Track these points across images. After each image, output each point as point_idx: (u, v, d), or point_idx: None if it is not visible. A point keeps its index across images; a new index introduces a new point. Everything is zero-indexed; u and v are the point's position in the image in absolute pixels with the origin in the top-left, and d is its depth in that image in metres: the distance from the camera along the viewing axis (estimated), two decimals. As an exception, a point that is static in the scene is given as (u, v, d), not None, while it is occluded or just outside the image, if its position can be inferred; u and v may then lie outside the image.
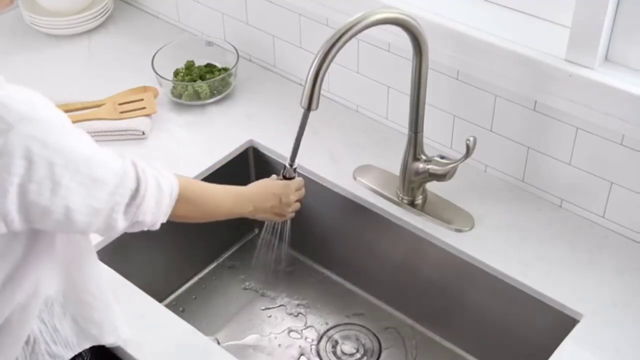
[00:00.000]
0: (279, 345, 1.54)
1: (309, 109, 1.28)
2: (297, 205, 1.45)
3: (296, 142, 1.37)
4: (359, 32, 1.23)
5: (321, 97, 1.71)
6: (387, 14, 1.24)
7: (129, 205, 1.04)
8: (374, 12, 1.24)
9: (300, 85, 1.75)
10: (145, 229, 1.12)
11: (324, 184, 1.54)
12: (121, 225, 1.05)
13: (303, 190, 1.45)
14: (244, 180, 1.67)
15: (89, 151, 0.97)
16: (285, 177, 1.43)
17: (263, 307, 1.62)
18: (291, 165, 1.41)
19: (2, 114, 0.88)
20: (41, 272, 1.04)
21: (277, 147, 1.61)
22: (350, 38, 1.23)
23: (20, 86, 0.93)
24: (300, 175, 1.58)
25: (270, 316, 1.60)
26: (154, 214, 1.09)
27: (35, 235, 1.00)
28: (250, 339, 1.56)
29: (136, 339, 1.25)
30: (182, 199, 1.15)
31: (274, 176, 1.44)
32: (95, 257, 1.17)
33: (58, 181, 0.92)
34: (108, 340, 1.19)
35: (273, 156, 1.61)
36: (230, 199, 1.33)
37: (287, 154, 1.58)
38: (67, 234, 1.05)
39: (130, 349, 1.23)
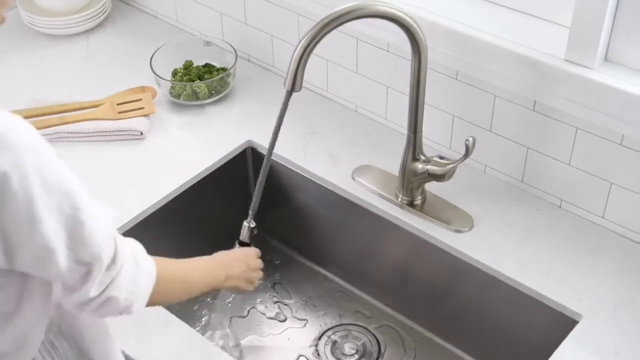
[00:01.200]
0: (279, 346, 1.54)
1: (292, 90, 1.26)
2: (260, 273, 1.40)
3: (258, 190, 1.35)
4: (353, 19, 1.24)
5: (321, 97, 1.72)
6: (384, 8, 1.24)
7: (105, 274, 0.94)
8: (372, 4, 1.25)
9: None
10: (118, 313, 1.00)
11: (323, 185, 1.54)
12: (92, 292, 0.94)
13: (261, 262, 1.41)
14: (243, 181, 1.68)
15: (77, 191, 0.89)
16: (242, 243, 1.41)
17: (262, 308, 1.61)
18: (252, 227, 1.39)
19: None
20: (39, 310, 0.99)
21: (276, 147, 1.60)
22: (343, 23, 1.24)
23: (5, 112, 0.86)
24: (299, 176, 1.58)
25: (269, 317, 1.60)
26: (130, 291, 0.99)
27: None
28: (250, 340, 1.55)
29: (134, 340, 1.24)
30: (158, 286, 1.05)
31: (222, 252, 1.37)
32: None
33: (37, 216, 0.85)
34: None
35: (272, 157, 1.61)
36: (202, 274, 1.24)
37: (286, 154, 1.59)
38: (42, 277, 0.95)
39: (128, 350, 1.23)
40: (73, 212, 0.88)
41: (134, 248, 1.02)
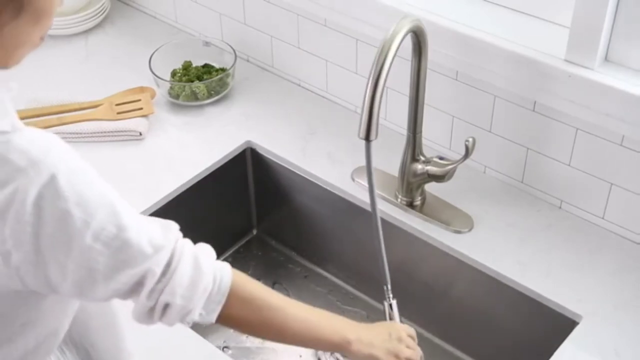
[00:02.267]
0: (278, 346, 1.54)
1: (367, 139, 1.17)
2: (413, 352, 1.17)
3: (380, 259, 1.19)
4: (396, 49, 1.17)
5: (320, 97, 1.72)
6: (409, 24, 1.20)
7: (159, 281, 0.90)
8: (398, 28, 1.18)
9: (299, 85, 1.75)
10: (177, 320, 0.94)
11: (323, 185, 1.54)
12: (146, 302, 0.91)
13: (415, 344, 1.19)
14: (242, 182, 1.67)
15: (120, 209, 0.86)
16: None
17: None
18: (390, 304, 1.23)
19: (16, 160, 0.81)
20: (63, 311, 0.98)
21: (275, 147, 1.60)
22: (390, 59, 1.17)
23: (40, 131, 0.85)
24: (298, 176, 1.57)
25: (268, 318, 1.60)
26: (186, 297, 0.92)
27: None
28: (249, 340, 1.55)
29: (135, 344, 1.24)
30: (238, 297, 0.97)
31: None
32: None
33: (76, 237, 0.82)
34: None
35: (271, 157, 1.61)
36: (314, 317, 1.07)
37: (285, 154, 1.59)
38: (91, 300, 0.92)
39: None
40: (118, 231, 0.86)
41: (200, 254, 0.95)
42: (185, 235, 1.06)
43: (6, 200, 0.80)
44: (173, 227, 0.95)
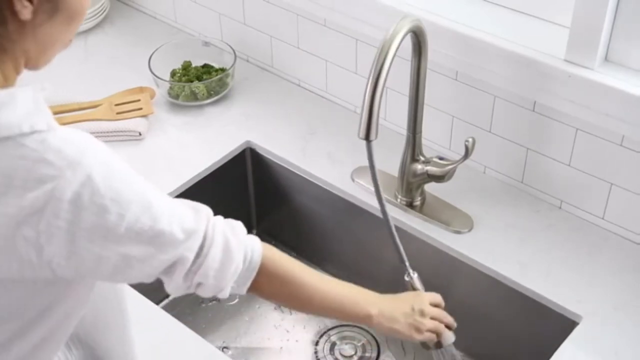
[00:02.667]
0: (277, 347, 1.54)
1: (367, 139, 1.19)
2: (437, 324, 1.18)
3: (394, 242, 1.21)
4: (396, 49, 1.18)
5: (320, 97, 1.72)
6: (409, 24, 1.20)
7: (193, 263, 0.94)
8: (398, 28, 1.19)
9: (299, 85, 1.75)
10: (212, 294, 1.00)
11: (322, 185, 1.54)
12: (179, 281, 0.95)
13: (441, 311, 1.21)
14: (241, 182, 1.67)
15: (153, 201, 0.89)
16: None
17: (260, 309, 1.61)
18: (408, 276, 1.24)
19: (53, 159, 0.82)
20: (77, 303, 0.99)
21: (275, 147, 1.60)
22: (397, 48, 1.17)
23: (74, 130, 0.88)
24: (298, 176, 1.57)
25: (267, 318, 1.59)
26: (217, 277, 0.97)
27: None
28: (249, 341, 1.55)
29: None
30: (266, 273, 1.02)
31: None
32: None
33: (112, 230, 0.85)
34: None
35: (270, 157, 1.61)
36: (339, 290, 1.12)
37: (285, 154, 1.58)
38: (123, 282, 0.97)
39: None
40: (151, 222, 0.88)
41: (229, 233, 0.99)
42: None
43: (43, 199, 0.82)
44: (203, 209, 0.98)
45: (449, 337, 1.21)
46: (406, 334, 1.16)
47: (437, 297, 1.23)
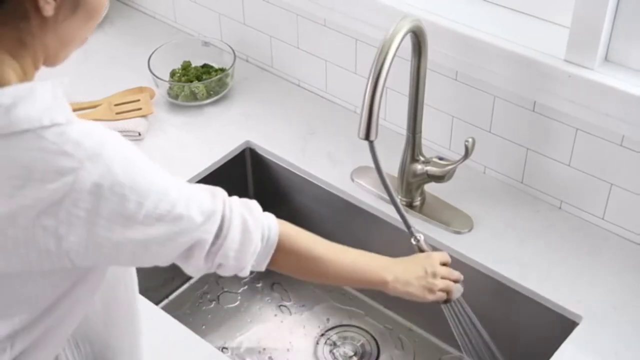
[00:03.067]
0: (277, 347, 1.54)
1: (367, 139, 1.21)
2: (448, 283, 1.23)
3: (396, 206, 1.24)
4: (396, 49, 1.18)
5: (320, 98, 1.72)
6: (408, 24, 1.20)
7: (212, 244, 0.97)
8: (398, 28, 1.19)
9: (298, 85, 1.75)
10: (232, 273, 1.03)
11: (322, 186, 1.54)
12: (200, 263, 0.98)
13: (449, 269, 1.25)
14: (241, 182, 1.67)
15: (169, 187, 0.92)
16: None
17: (260, 310, 1.61)
18: (416, 240, 1.26)
19: (72, 151, 0.84)
20: (83, 296, 1.00)
21: (274, 148, 1.60)
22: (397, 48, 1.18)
23: (92, 122, 0.90)
24: (298, 177, 1.57)
25: (267, 318, 1.59)
26: (237, 258, 1.00)
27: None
28: (247, 340, 1.55)
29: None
30: (283, 250, 1.06)
31: None
32: (133, 285, 1.12)
33: (132, 217, 0.88)
34: None
35: (270, 157, 1.61)
36: (353, 260, 1.16)
37: (284, 154, 1.58)
38: (141, 266, 1.00)
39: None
40: (170, 207, 0.90)
41: (247, 214, 1.02)
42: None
43: (62, 190, 0.83)
44: (219, 191, 1.01)
45: (458, 290, 1.26)
46: (420, 296, 1.20)
47: (445, 256, 1.26)
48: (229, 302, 1.62)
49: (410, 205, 1.45)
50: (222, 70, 1.73)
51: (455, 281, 1.26)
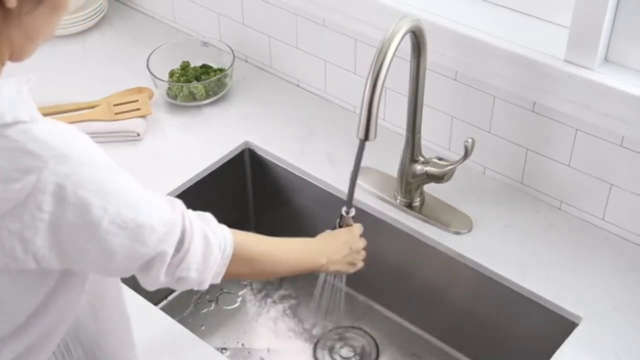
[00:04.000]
0: (276, 348, 1.53)
1: (366, 139, 1.23)
2: (363, 253, 1.36)
3: (351, 182, 1.30)
4: (395, 49, 1.18)
5: (319, 98, 1.71)
6: (408, 24, 1.20)
7: (173, 257, 0.97)
8: (397, 28, 1.19)
9: (298, 86, 1.75)
10: (191, 287, 1.03)
11: (321, 186, 1.53)
12: (161, 277, 0.97)
13: (363, 241, 1.37)
14: (240, 182, 1.67)
15: (134, 194, 0.91)
16: (341, 227, 1.36)
17: (260, 310, 1.61)
18: (347, 213, 1.34)
19: (38, 150, 0.82)
20: (70, 301, 0.99)
21: (274, 148, 1.60)
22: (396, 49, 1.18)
23: (60, 123, 0.88)
24: (297, 177, 1.57)
25: (266, 319, 1.59)
26: (200, 270, 1.01)
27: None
28: (247, 342, 1.55)
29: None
30: (236, 258, 1.07)
31: (327, 231, 1.36)
32: (119, 285, 1.12)
33: (95, 223, 0.86)
34: None
35: (269, 157, 1.60)
36: (297, 254, 1.26)
37: (283, 155, 1.58)
38: (102, 275, 1.00)
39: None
40: (133, 215, 0.90)
41: (206, 228, 1.03)
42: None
43: (26, 190, 0.82)
44: (178, 203, 1.01)
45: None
46: (345, 271, 1.34)
47: (361, 228, 1.37)
48: (228, 303, 1.62)
49: (409, 206, 1.45)
50: (221, 70, 1.73)
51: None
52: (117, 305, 1.11)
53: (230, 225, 1.43)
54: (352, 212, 1.35)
